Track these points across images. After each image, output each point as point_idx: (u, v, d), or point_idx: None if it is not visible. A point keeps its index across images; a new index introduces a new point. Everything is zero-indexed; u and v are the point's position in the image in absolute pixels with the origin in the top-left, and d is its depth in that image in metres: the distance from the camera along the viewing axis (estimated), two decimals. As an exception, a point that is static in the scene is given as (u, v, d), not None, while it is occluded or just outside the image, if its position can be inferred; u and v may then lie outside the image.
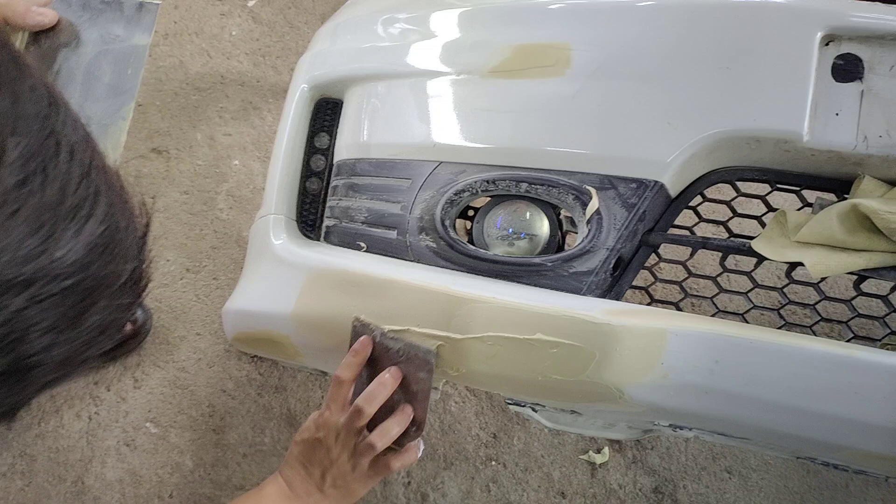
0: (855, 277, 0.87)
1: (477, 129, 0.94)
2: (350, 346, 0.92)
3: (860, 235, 0.81)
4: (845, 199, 0.84)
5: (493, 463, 1.48)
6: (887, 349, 0.83)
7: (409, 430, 0.91)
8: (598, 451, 1.50)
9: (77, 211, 0.40)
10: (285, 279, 1.00)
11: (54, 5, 0.77)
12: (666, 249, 0.93)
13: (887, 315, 0.87)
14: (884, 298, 0.88)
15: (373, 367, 0.92)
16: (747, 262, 0.90)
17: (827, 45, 0.84)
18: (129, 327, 1.43)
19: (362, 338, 0.91)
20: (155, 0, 0.81)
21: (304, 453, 0.92)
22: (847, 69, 0.84)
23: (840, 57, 0.84)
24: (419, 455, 0.94)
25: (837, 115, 0.83)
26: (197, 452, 1.42)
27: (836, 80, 0.83)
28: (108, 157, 0.69)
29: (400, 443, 0.92)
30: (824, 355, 0.76)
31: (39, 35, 0.77)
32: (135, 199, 0.50)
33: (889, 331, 0.87)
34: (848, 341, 0.86)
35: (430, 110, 0.97)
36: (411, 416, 0.91)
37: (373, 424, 0.89)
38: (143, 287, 0.49)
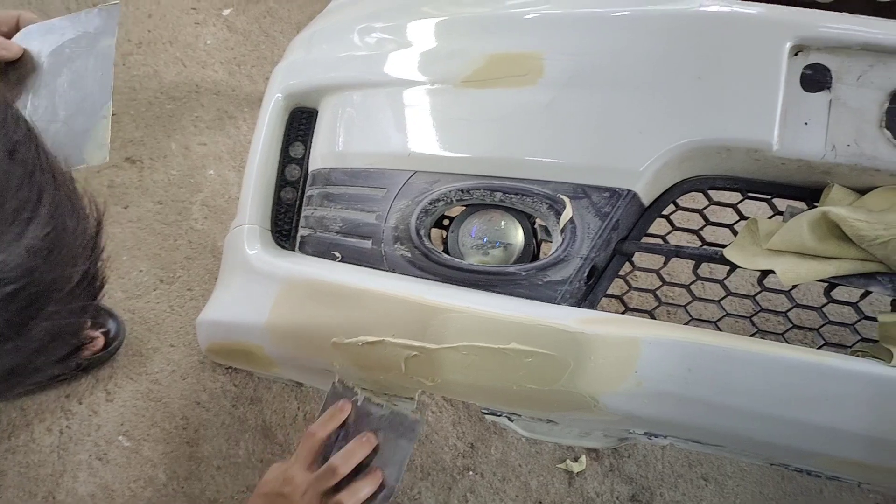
0: (826, 285, 0.88)
1: (451, 138, 0.94)
2: (325, 407, 0.94)
3: (830, 243, 0.82)
4: (815, 207, 0.85)
5: (471, 473, 1.48)
6: (858, 356, 0.83)
7: (376, 494, 0.92)
8: (576, 459, 1.50)
9: (18, 214, 0.39)
10: (259, 289, 0.99)
11: (17, 38, 0.78)
12: (640, 258, 0.93)
13: (858, 322, 0.88)
14: (854, 305, 0.89)
15: (348, 429, 0.94)
16: (720, 271, 0.91)
17: (796, 55, 0.85)
18: (100, 339, 1.41)
19: (343, 402, 0.94)
20: (114, 1, 0.81)
21: None
22: (815, 79, 0.85)
23: (809, 67, 0.85)
24: None
25: (806, 124, 0.84)
26: (170, 466, 1.40)
27: (805, 90, 0.84)
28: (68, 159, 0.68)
29: None
30: (796, 362, 0.77)
31: (7, 67, 0.77)
32: (85, 198, 0.48)
33: (860, 337, 0.88)
34: (819, 348, 0.86)
35: (405, 120, 0.97)
36: (381, 480, 0.91)
37: (338, 484, 0.90)
38: (98, 289, 0.48)
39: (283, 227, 1.09)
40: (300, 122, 1.10)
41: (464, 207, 0.95)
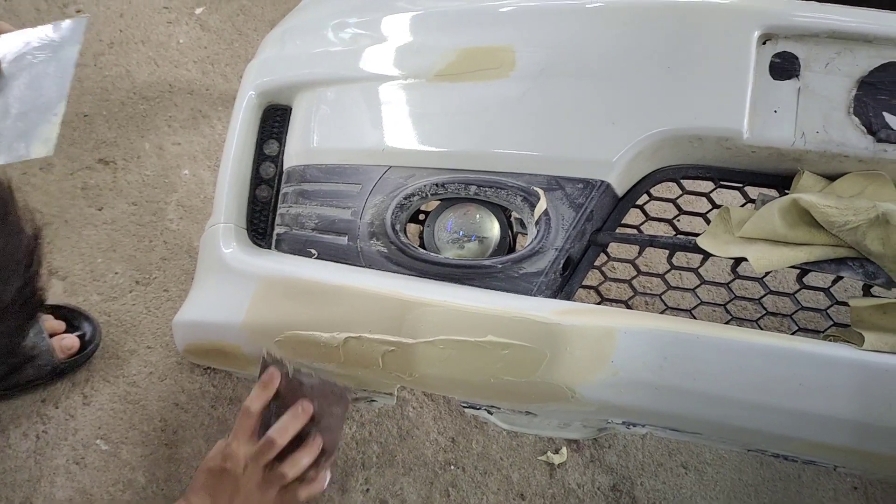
0: (798, 271, 0.89)
1: (425, 132, 0.94)
2: (259, 378, 0.95)
3: (801, 229, 0.83)
4: (786, 194, 0.86)
5: (452, 467, 1.48)
6: (830, 340, 0.85)
7: (318, 460, 0.95)
8: (557, 451, 1.51)
9: None
10: (236, 289, 0.99)
11: None
12: (615, 248, 0.94)
13: (830, 307, 0.89)
14: (826, 291, 0.90)
15: (282, 400, 0.95)
16: (695, 259, 0.92)
17: (764, 43, 0.86)
18: (76, 342, 1.39)
19: (270, 369, 0.95)
20: (82, 14, 0.81)
21: (210, 482, 0.92)
22: (784, 67, 0.86)
23: (777, 55, 0.86)
24: (325, 485, 0.97)
25: (776, 112, 0.85)
26: (149, 468, 1.39)
27: (774, 78, 0.85)
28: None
29: (307, 472, 0.95)
30: (769, 348, 0.78)
31: None
32: (22, 213, 0.46)
33: (832, 322, 0.89)
34: (793, 334, 0.87)
35: (379, 115, 0.97)
36: (321, 447, 0.94)
37: (280, 455, 0.92)
38: (36, 307, 0.47)
39: (259, 226, 1.08)
40: (274, 120, 1.09)
41: (439, 202, 0.95)
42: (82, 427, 1.41)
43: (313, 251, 0.97)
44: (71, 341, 1.39)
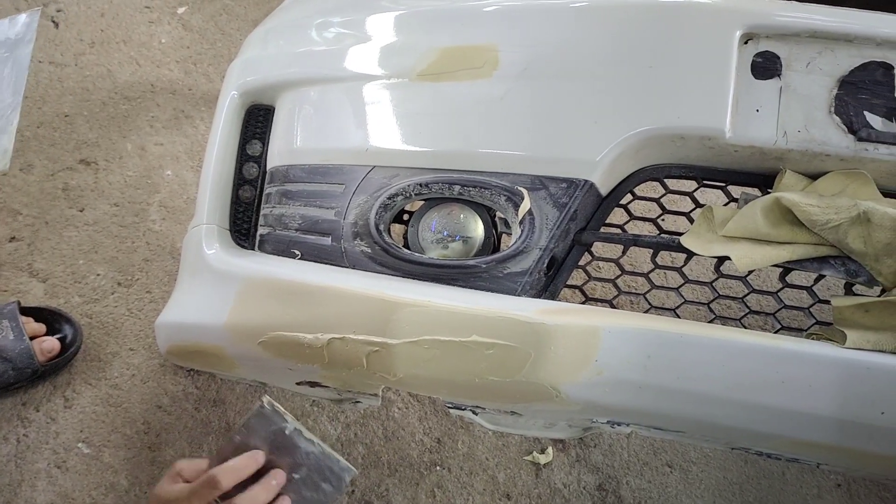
0: (781, 270, 0.89)
1: (409, 132, 0.93)
2: (246, 426, 0.90)
3: (783, 228, 0.83)
4: (769, 193, 0.86)
5: (438, 468, 1.48)
6: (813, 339, 0.85)
7: None
8: (542, 451, 1.51)
9: None
10: (219, 290, 0.98)
11: None
12: (599, 248, 0.94)
13: (812, 305, 0.90)
14: (808, 289, 0.91)
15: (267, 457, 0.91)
16: (679, 258, 0.92)
17: (746, 43, 0.86)
18: (57, 345, 1.38)
19: (257, 453, 0.89)
20: (35, 9, 0.78)
21: None
22: (766, 66, 0.86)
23: (759, 55, 0.86)
24: None
25: (758, 111, 0.85)
26: (132, 471, 1.38)
27: (756, 78, 0.86)
28: None
29: None
30: (752, 347, 0.78)
31: None
32: None
33: (815, 321, 0.89)
34: (776, 332, 0.88)
35: (363, 115, 0.97)
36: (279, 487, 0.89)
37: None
38: None
39: (242, 227, 1.07)
40: (257, 120, 1.09)
41: (423, 202, 0.95)
42: (64, 430, 1.39)
43: (297, 252, 0.96)
44: (51, 344, 1.37)
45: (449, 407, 1.01)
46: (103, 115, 1.80)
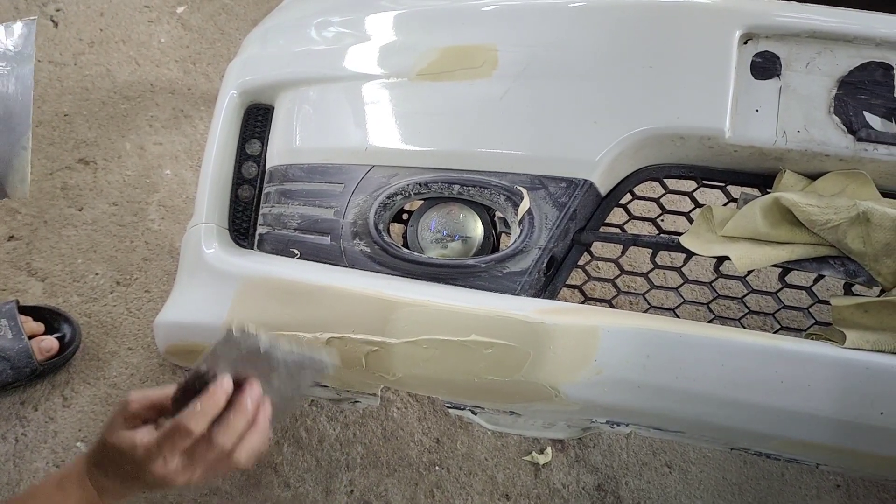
0: (780, 270, 0.89)
1: (408, 131, 0.93)
2: (212, 358, 0.77)
3: (783, 228, 0.83)
4: (768, 193, 0.86)
5: (437, 468, 1.47)
6: (812, 339, 0.85)
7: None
8: (541, 451, 1.51)
9: None
10: (218, 289, 0.98)
11: None
12: (598, 248, 0.94)
13: (812, 306, 0.90)
14: (808, 290, 0.91)
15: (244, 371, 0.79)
16: (679, 258, 0.92)
17: (745, 43, 0.86)
18: (55, 344, 1.38)
19: (226, 380, 0.76)
20: (30, 17, 0.76)
21: (126, 470, 0.76)
22: (765, 66, 0.86)
23: (758, 55, 0.86)
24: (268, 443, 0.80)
25: (757, 111, 0.85)
26: (131, 471, 1.37)
27: (755, 78, 0.86)
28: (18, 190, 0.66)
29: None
30: (751, 347, 0.78)
31: None
32: None
33: (814, 321, 0.89)
34: (775, 333, 0.88)
35: (362, 114, 0.97)
36: (255, 407, 0.77)
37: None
38: None
39: (241, 226, 1.07)
40: (256, 119, 1.08)
41: (422, 201, 0.94)
42: (62, 429, 1.39)
43: (296, 251, 0.96)
44: (50, 343, 1.37)
45: (448, 407, 1.00)
46: (102, 114, 1.80)
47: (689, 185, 0.94)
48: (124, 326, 1.51)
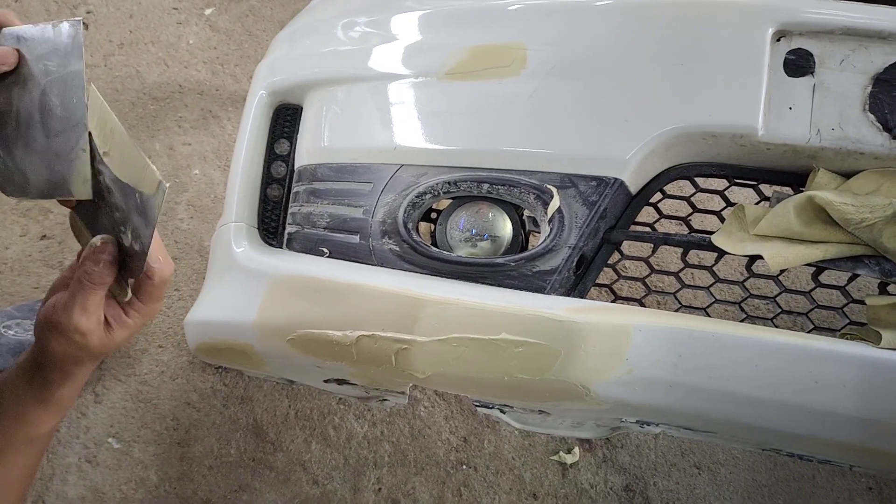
0: (813, 269, 0.88)
1: (437, 131, 0.93)
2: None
3: (816, 227, 0.82)
4: (801, 192, 0.85)
5: (464, 467, 1.48)
6: (847, 339, 0.84)
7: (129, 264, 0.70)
8: (569, 451, 1.51)
9: None
10: (247, 288, 0.98)
11: (8, 43, 0.72)
12: (628, 247, 0.93)
13: (846, 305, 0.88)
14: (842, 289, 0.90)
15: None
16: (709, 258, 0.91)
17: (778, 40, 0.86)
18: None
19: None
20: (76, 17, 0.77)
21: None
22: (799, 64, 0.85)
23: (791, 52, 0.85)
24: (167, 273, 0.71)
25: (791, 109, 0.84)
26: (161, 467, 1.39)
27: (789, 75, 0.85)
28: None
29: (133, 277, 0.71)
30: (785, 346, 0.77)
31: None
32: None
33: (848, 321, 0.88)
34: (808, 332, 0.87)
35: (390, 113, 0.97)
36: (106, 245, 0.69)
37: None
38: None
39: (270, 225, 1.08)
40: (285, 119, 1.09)
41: (451, 200, 0.95)
42: (94, 425, 1.41)
43: (325, 250, 0.97)
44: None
45: (476, 405, 1.01)
46: (132, 115, 1.82)
47: (720, 183, 0.93)
48: (154, 324, 1.53)
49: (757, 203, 0.92)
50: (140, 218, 0.67)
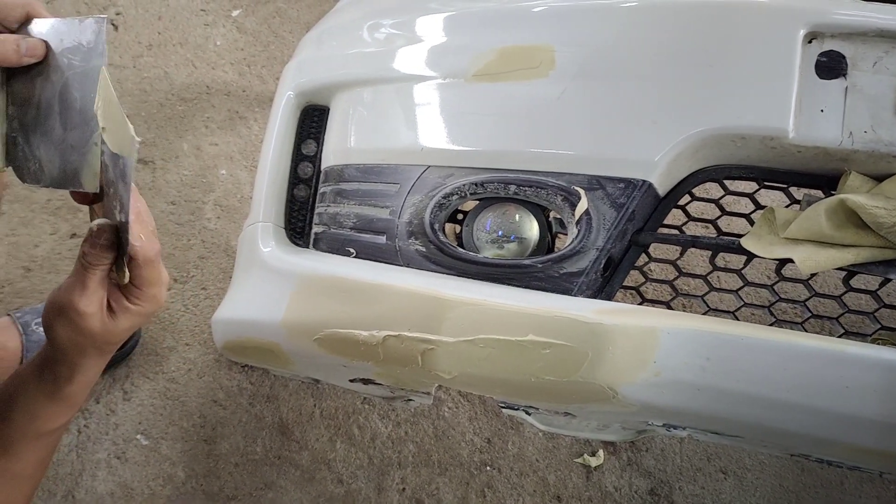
0: (844, 273, 0.87)
1: (464, 132, 0.94)
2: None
3: (848, 231, 0.81)
4: (832, 195, 0.84)
5: (488, 468, 1.48)
6: (878, 344, 0.83)
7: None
8: (593, 454, 1.50)
9: None
10: (274, 287, 0.99)
11: (35, 34, 0.74)
12: (656, 249, 0.93)
13: (877, 310, 0.87)
14: (873, 294, 0.89)
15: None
16: (737, 261, 0.90)
17: (810, 42, 0.85)
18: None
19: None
20: (101, 14, 0.78)
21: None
22: (831, 66, 0.84)
23: (823, 54, 0.84)
24: (153, 252, 0.70)
25: (822, 111, 0.83)
26: (189, 463, 1.41)
27: (820, 77, 0.84)
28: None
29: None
30: (815, 350, 0.77)
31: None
32: None
33: (879, 326, 0.87)
34: (839, 337, 0.86)
35: (417, 115, 0.97)
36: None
37: None
38: None
39: (297, 225, 1.09)
40: (312, 120, 1.10)
41: (478, 201, 0.95)
42: (123, 422, 1.43)
43: (351, 250, 0.97)
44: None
45: (502, 406, 1.00)
46: (160, 115, 1.84)
47: (749, 185, 0.92)
48: (181, 322, 1.55)
49: (787, 206, 0.91)
50: (122, 184, 0.67)
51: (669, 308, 0.94)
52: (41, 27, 0.73)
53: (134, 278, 0.70)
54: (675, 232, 0.95)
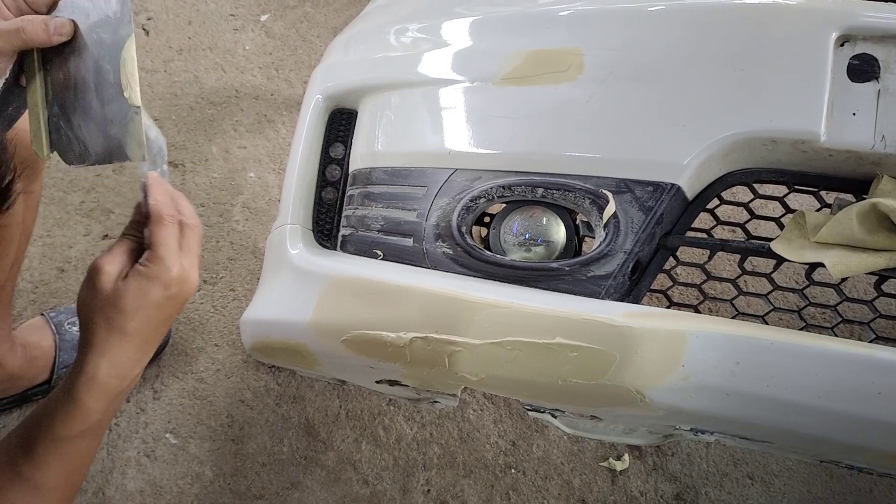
0: (876, 278, 0.86)
1: (491, 135, 0.94)
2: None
3: (880, 235, 0.81)
4: (864, 199, 0.83)
5: (513, 471, 1.48)
6: (910, 349, 0.82)
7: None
8: (619, 457, 1.49)
9: None
10: (302, 288, 1.00)
11: (62, 13, 0.76)
12: (684, 252, 0.92)
13: (909, 315, 0.86)
14: (905, 298, 0.88)
15: None
16: (766, 265, 0.90)
17: (842, 45, 0.84)
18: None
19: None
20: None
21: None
22: (863, 69, 0.83)
23: (855, 57, 0.84)
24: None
25: (854, 115, 0.82)
26: (216, 463, 1.42)
27: (852, 81, 0.83)
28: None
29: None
30: (846, 355, 0.76)
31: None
32: None
33: (911, 331, 0.86)
34: (870, 342, 0.85)
35: (444, 118, 0.98)
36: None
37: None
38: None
39: (325, 227, 1.10)
40: (340, 123, 1.11)
41: (505, 204, 0.95)
42: (152, 421, 1.45)
43: (379, 252, 0.98)
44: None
45: (527, 409, 1.01)
46: (190, 119, 1.87)
47: (779, 189, 0.91)
48: (210, 323, 1.57)
49: (818, 210, 0.90)
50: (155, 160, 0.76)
51: (698, 312, 0.94)
52: (67, 8, 0.76)
53: (148, 238, 0.74)
54: (704, 235, 0.94)
